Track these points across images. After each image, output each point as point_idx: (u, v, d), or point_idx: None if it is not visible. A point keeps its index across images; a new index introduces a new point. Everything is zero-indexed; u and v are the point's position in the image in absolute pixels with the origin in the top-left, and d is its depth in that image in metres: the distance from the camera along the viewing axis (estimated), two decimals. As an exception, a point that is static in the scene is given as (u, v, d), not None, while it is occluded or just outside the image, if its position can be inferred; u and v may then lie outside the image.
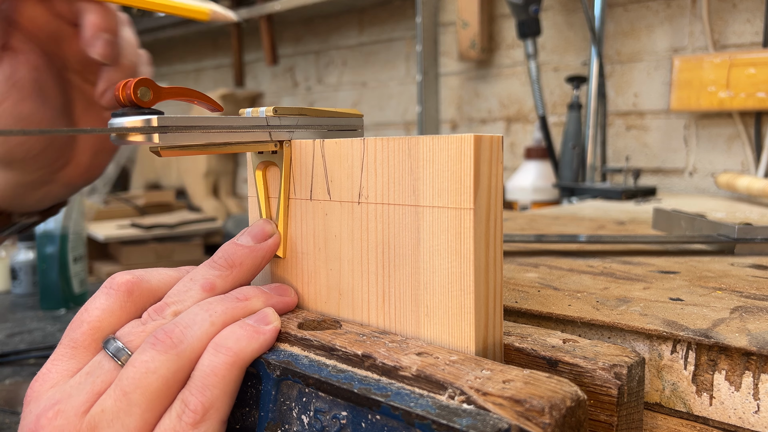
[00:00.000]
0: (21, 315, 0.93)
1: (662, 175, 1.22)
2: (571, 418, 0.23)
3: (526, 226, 0.68)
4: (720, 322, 0.31)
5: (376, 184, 0.30)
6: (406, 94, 1.65)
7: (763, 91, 1.00)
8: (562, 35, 1.34)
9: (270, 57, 1.77)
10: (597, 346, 0.29)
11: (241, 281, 0.32)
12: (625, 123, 1.26)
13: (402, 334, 0.29)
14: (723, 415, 0.29)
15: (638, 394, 0.28)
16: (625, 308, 0.33)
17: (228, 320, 0.29)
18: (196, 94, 0.32)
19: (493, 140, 0.27)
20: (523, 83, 1.41)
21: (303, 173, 0.33)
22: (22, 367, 0.71)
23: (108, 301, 0.30)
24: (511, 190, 1.21)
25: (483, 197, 0.26)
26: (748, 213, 0.78)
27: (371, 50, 1.72)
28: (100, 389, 0.27)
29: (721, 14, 1.12)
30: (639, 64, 1.23)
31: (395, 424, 0.23)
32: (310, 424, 0.26)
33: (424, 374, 0.24)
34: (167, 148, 0.29)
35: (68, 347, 0.29)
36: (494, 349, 0.28)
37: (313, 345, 0.28)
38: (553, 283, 0.40)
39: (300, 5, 1.62)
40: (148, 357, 0.27)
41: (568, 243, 0.54)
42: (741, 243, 0.50)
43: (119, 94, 0.29)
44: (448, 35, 1.52)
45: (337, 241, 0.32)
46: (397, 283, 0.29)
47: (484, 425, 0.21)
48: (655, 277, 0.41)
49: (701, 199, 0.98)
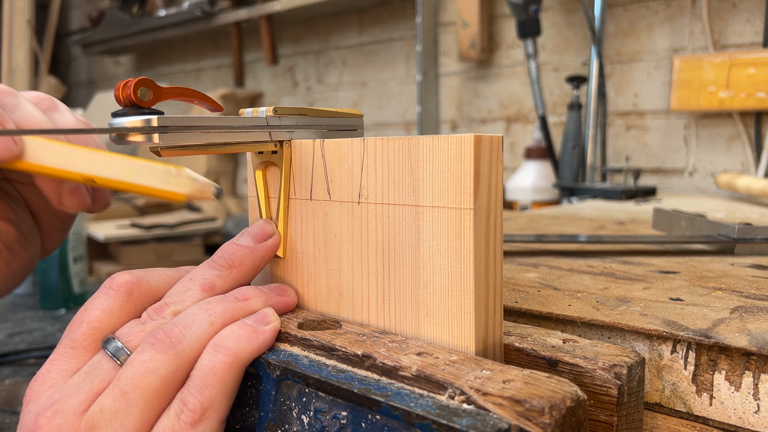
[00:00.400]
0: (21, 315, 0.93)
1: (662, 175, 1.22)
2: (571, 418, 0.23)
3: (526, 226, 0.68)
4: (720, 322, 0.31)
5: (376, 184, 0.30)
6: (406, 94, 1.65)
7: (763, 91, 1.00)
8: (562, 35, 1.34)
9: (270, 57, 1.77)
10: (597, 346, 0.29)
11: (241, 281, 0.32)
12: (625, 123, 1.26)
13: (402, 334, 0.29)
14: (723, 415, 0.29)
15: (638, 394, 0.28)
16: (625, 308, 0.33)
17: (227, 320, 0.29)
18: (196, 94, 0.32)
19: (493, 140, 0.27)
20: (523, 83, 1.41)
21: (303, 173, 0.33)
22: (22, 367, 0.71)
23: (108, 302, 0.30)
24: (511, 190, 1.21)
25: (483, 197, 0.26)
26: (748, 213, 0.78)
27: (371, 50, 1.72)
28: (98, 389, 0.27)
29: (721, 14, 1.12)
30: (639, 64, 1.23)
31: (395, 424, 0.23)
32: (310, 424, 0.26)
33: (424, 374, 0.24)
34: (167, 148, 0.29)
35: (68, 347, 0.29)
36: (494, 349, 0.28)
37: (313, 345, 0.28)
38: (553, 283, 0.40)
39: (300, 5, 1.62)
40: (147, 357, 0.27)
41: (568, 243, 0.54)
42: (741, 243, 0.50)
43: (119, 95, 0.29)
44: (448, 35, 1.52)
45: (337, 241, 0.32)
46: (397, 283, 0.29)
47: (484, 425, 0.21)
48: (655, 277, 0.41)
49: (701, 199, 0.98)
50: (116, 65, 2.65)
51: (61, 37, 2.76)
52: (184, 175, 0.32)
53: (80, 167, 0.30)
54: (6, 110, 0.32)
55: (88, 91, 2.74)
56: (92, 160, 0.30)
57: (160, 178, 0.31)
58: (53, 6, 2.55)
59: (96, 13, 2.47)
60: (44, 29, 2.54)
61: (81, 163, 0.30)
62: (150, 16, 2.12)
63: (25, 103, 0.33)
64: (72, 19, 2.84)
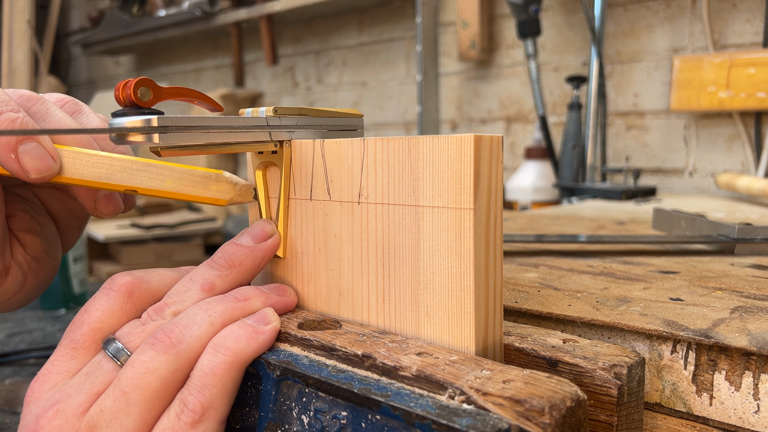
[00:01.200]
0: (21, 315, 0.93)
1: (662, 175, 1.22)
2: (571, 418, 0.23)
3: (526, 226, 0.68)
4: (720, 322, 0.31)
5: (376, 184, 0.30)
6: (406, 94, 1.65)
7: (763, 91, 1.00)
8: (562, 35, 1.34)
9: (270, 57, 1.77)
10: (597, 346, 0.29)
11: (241, 281, 0.32)
12: (625, 123, 1.26)
13: (402, 334, 0.29)
14: (723, 415, 0.29)
15: (638, 394, 0.28)
16: (625, 308, 0.33)
17: (227, 320, 0.29)
18: (196, 94, 0.32)
19: (493, 140, 0.27)
20: (523, 83, 1.41)
21: (303, 173, 0.33)
22: (22, 367, 0.71)
23: (108, 303, 0.30)
24: (511, 190, 1.21)
25: (483, 197, 0.26)
26: (748, 213, 0.78)
27: (371, 50, 1.72)
28: (99, 389, 0.27)
29: (721, 14, 1.12)
30: (639, 64, 1.23)
31: (395, 424, 0.23)
32: (310, 424, 0.26)
33: (424, 374, 0.24)
34: (167, 148, 0.29)
35: (68, 348, 0.29)
36: (494, 349, 0.28)
37: (313, 345, 0.28)
38: (553, 283, 0.40)
39: (300, 5, 1.62)
40: (147, 357, 0.27)
41: (568, 243, 0.54)
42: (741, 243, 0.50)
43: (119, 95, 0.29)
44: (448, 35, 1.52)
45: (337, 241, 0.32)
46: (397, 283, 0.29)
47: (484, 425, 0.21)
48: (655, 277, 0.41)
49: (701, 199, 0.98)
50: (116, 65, 2.65)
51: (61, 37, 2.76)
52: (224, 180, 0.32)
53: (122, 179, 0.30)
54: (36, 119, 0.31)
55: (88, 91, 2.74)
56: (133, 171, 0.30)
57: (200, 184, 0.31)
58: (53, 6, 2.55)
59: (96, 13, 2.47)
60: (44, 29, 2.54)
61: (122, 174, 0.30)
62: (150, 16, 2.12)
63: (55, 109, 0.33)
64: (72, 19, 2.84)
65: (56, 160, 0.29)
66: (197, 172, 0.31)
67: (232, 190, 0.32)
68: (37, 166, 0.29)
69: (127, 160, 0.30)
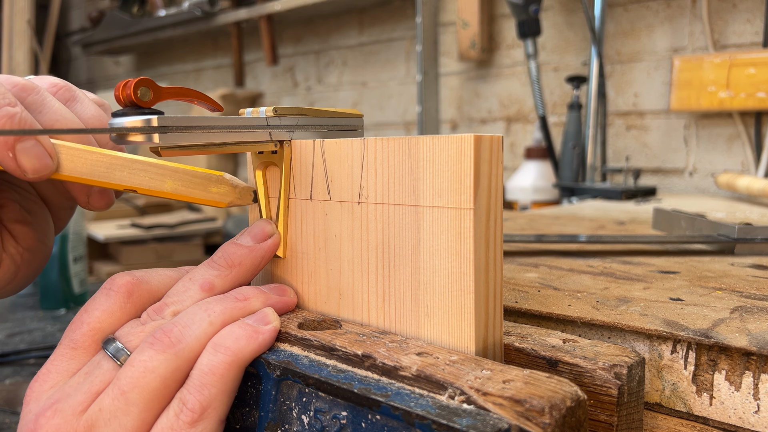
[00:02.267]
0: (21, 315, 0.93)
1: (662, 175, 1.22)
2: (571, 418, 0.23)
3: (526, 226, 0.68)
4: (720, 322, 0.31)
5: (376, 184, 0.30)
6: (406, 94, 1.65)
7: (763, 91, 1.00)
8: (562, 35, 1.34)
9: (270, 57, 1.77)
10: (597, 346, 0.29)
11: (241, 281, 0.32)
12: (625, 123, 1.26)
13: (402, 334, 0.29)
14: (723, 415, 0.29)
15: (638, 394, 0.28)
16: (625, 308, 0.33)
17: (227, 320, 0.29)
18: (196, 94, 0.32)
19: (493, 140, 0.27)
20: (523, 83, 1.41)
21: (303, 173, 0.33)
22: (22, 367, 0.71)
23: (108, 302, 0.30)
24: (511, 190, 1.21)
25: (483, 197, 0.26)
26: (748, 213, 0.78)
27: (371, 50, 1.72)
28: (98, 389, 0.27)
29: (721, 14, 1.12)
30: (639, 64, 1.23)
31: (395, 424, 0.23)
32: (310, 424, 0.26)
33: (424, 374, 0.24)
34: (167, 148, 0.29)
35: (68, 348, 0.29)
36: (494, 349, 0.28)
37: (313, 345, 0.28)
38: (553, 283, 0.40)
39: (300, 5, 1.62)
40: (146, 356, 0.27)
41: (568, 243, 0.54)
42: (741, 243, 0.50)
43: (119, 94, 0.29)
44: (448, 35, 1.52)
45: (337, 241, 0.32)
46: (397, 283, 0.29)
47: (484, 425, 0.21)
48: (655, 277, 0.41)
49: (701, 199, 0.98)
50: (116, 65, 2.65)
51: (61, 37, 2.76)
52: (224, 182, 0.32)
53: (122, 178, 0.30)
54: (32, 111, 0.31)
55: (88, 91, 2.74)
56: (133, 170, 0.30)
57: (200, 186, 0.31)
58: (53, 6, 2.55)
59: (96, 13, 2.47)
60: (44, 29, 2.54)
61: (122, 173, 0.29)
62: (150, 16, 2.12)
63: (51, 100, 0.32)
64: (72, 19, 2.84)
65: (54, 159, 0.29)
66: (198, 173, 0.31)
67: (232, 192, 0.32)
68: (34, 165, 0.28)
69: (127, 159, 0.30)
